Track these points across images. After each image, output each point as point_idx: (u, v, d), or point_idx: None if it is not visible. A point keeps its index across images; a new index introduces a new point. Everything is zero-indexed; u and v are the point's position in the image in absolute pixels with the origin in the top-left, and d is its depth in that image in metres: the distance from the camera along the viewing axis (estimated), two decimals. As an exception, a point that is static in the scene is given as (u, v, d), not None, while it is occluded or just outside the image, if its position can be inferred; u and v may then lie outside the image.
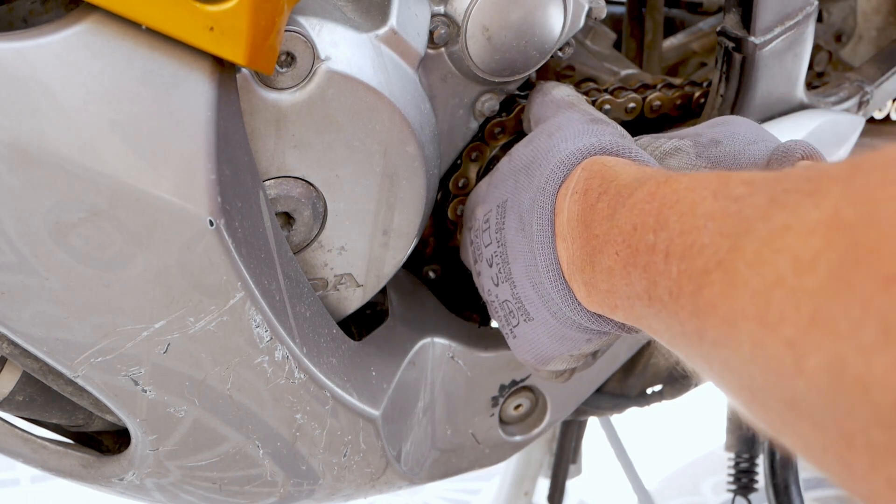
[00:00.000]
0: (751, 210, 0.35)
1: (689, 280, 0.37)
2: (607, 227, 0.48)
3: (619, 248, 0.46)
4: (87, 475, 0.64)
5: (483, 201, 0.65)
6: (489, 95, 0.68)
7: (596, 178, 0.52)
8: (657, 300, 0.42)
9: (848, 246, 0.28)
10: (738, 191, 0.37)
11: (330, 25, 0.57)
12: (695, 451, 1.73)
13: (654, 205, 0.44)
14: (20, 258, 0.50)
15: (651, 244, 0.42)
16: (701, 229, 0.38)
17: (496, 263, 0.62)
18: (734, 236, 0.35)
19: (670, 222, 0.41)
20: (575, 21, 0.66)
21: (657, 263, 0.41)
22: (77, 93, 0.48)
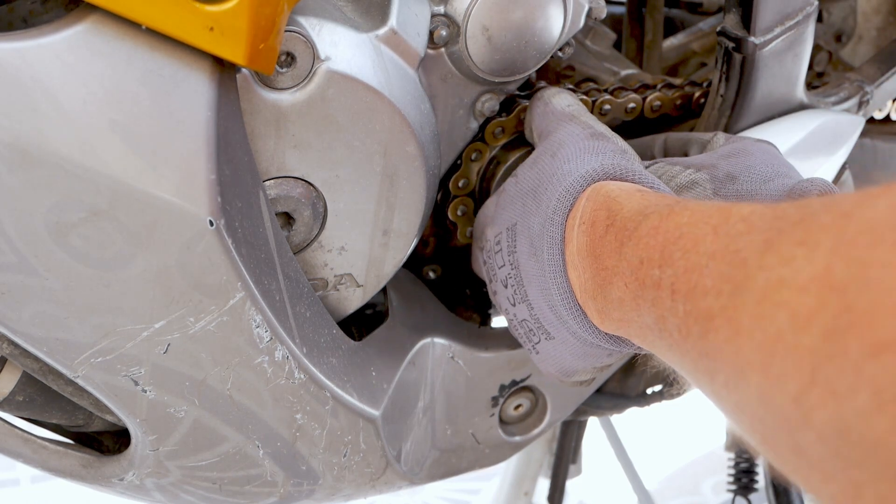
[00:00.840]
0: (749, 251, 0.36)
1: (695, 322, 0.38)
2: (616, 260, 0.48)
3: (627, 280, 0.47)
4: (87, 475, 0.64)
5: (492, 223, 0.65)
6: (489, 95, 0.68)
7: (602, 210, 0.53)
8: (668, 334, 0.43)
9: (840, 308, 0.29)
10: (737, 228, 0.38)
11: (330, 25, 0.57)
12: (695, 451, 1.73)
13: (658, 239, 0.45)
14: (20, 258, 0.50)
15: (657, 279, 0.43)
16: (703, 269, 0.39)
17: (511, 285, 0.62)
18: (735, 282, 0.36)
19: (675, 258, 0.42)
20: (575, 21, 0.66)
21: (664, 299, 0.42)
22: (77, 93, 0.48)
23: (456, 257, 0.79)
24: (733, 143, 0.66)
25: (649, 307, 0.44)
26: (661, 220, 0.46)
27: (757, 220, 0.38)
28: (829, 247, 0.31)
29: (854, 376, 0.28)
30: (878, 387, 0.27)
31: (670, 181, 0.63)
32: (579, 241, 0.54)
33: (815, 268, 0.31)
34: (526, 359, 0.75)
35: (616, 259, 0.48)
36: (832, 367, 0.29)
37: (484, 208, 0.68)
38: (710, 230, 0.40)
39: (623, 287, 0.47)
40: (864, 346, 0.28)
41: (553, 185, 0.59)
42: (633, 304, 0.46)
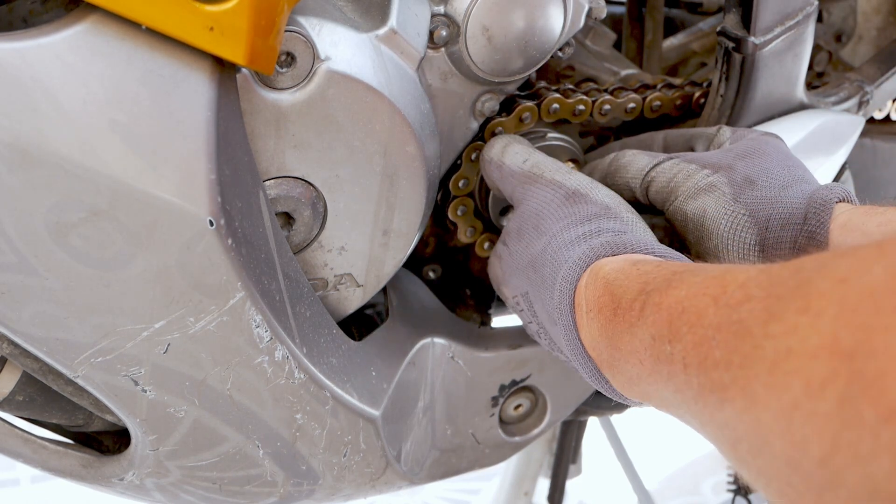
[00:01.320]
0: (752, 321, 0.37)
1: (710, 393, 0.40)
2: (628, 341, 0.50)
3: (642, 357, 0.48)
4: (87, 475, 0.64)
5: (505, 283, 0.66)
6: (489, 95, 0.68)
7: (604, 296, 0.54)
8: (686, 406, 0.44)
9: (851, 375, 0.30)
10: (736, 297, 0.39)
11: (330, 25, 0.57)
12: (695, 451, 1.73)
13: (663, 315, 0.46)
14: (20, 258, 0.50)
15: (669, 354, 0.44)
16: (710, 341, 0.40)
17: (543, 336, 0.63)
18: (743, 353, 0.37)
19: (682, 333, 0.43)
20: (575, 21, 0.66)
21: (678, 373, 0.43)
22: (77, 93, 0.48)
23: (456, 257, 0.79)
24: (743, 138, 0.66)
25: (665, 381, 0.45)
26: (662, 296, 0.47)
27: (754, 287, 0.39)
28: (833, 315, 0.32)
29: (873, 440, 0.29)
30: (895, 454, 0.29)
31: (687, 180, 0.63)
32: (591, 328, 0.55)
33: (822, 336, 0.32)
34: (526, 359, 0.75)
35: (628, 340, 0.50)
36: (851, 432, 0.30)
37: (490, 267, 0.69)
38: (710, 301, 0.42)
39: (639, 364, 0.49)
40: (878, 412, 0.29)
41: (548, 265, 0.59)
42: (651, 379, 0.48)
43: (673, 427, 1.81)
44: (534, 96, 0.71)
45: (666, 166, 0.64)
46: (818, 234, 0.58)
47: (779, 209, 0.60)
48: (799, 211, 0.59)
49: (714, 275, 0.43)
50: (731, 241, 0.60)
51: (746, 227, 0.60)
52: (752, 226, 0.60)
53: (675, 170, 0.64)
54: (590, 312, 0.55)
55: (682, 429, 0.48)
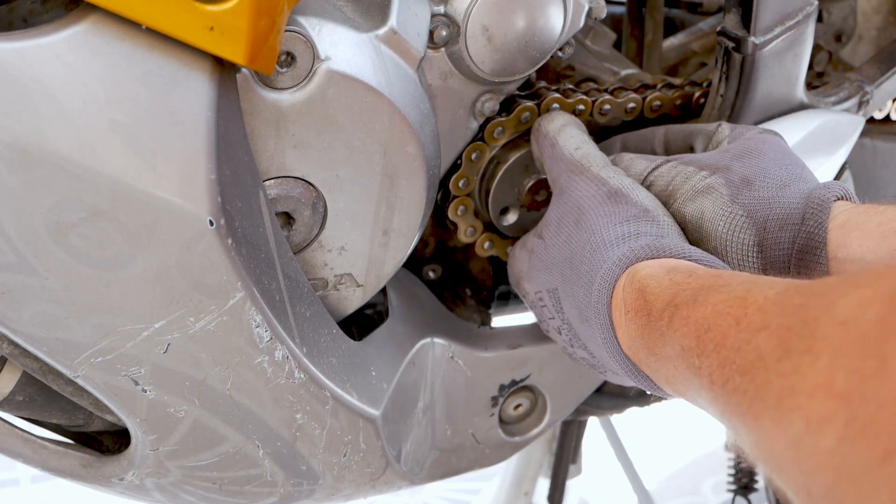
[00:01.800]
0: (766, 350, 0.39)
1: (732, 415, 0.42)
2: (662, 346, 0.51)
3: (676, 364, 0.49)
4: (87, 475, 0.64)
5: (529, 279, 0.66)
6: (489, 95, 0.68)
7: (639, 300, 0.55)
8: (718, 415, 0.46)
9: (848, 418, 0.32)
10: (755, 322, 0.41)
11: (330, 25, 0.57)
12: (695, 451, 1.73)
13: (691, 328, 0.47)
14: (20, 258, 0.50)
15: (698, 367, 0.46)
16: (731, 364, 0.42)
17: (566, 334, 0.64)
18: (756, 384, 0.39)
19: (708, 350, 0.45)
20: (575, 21, 0.66)
21: (706, 387, 0.45)
22: (77, 93, 0.48)
23: (456, 257, 0.79)
24: (741, 136, 0.66)
25: (697, 390, 0.47)
26: (690, 310, 0.48)
27: (771, 313, 0.41)
28: (829, 358, 0.34)
29: (872, 478, 0.31)
30: (892, 493, 0.30)
31: (685, 182, 0.63)
32: (629, 329, 0.55)
33: (819, 377, 0.34)
34: (526, 359, 0.75)
35: (662, 345, 0.51)
36: (851, 468, 0.32)
37: (514, 259, 0.69)
38: (733, 322, 0.43)
39: (673, 370, 0.50)
40: (874, 453, 0.31)
41: (587, 261, 0.60)
42: (685, 385, 0.49)
43: (673, 427, 1.80)
44: (534, 96, 0.71)
45: (664, 170, 0.64)
46: (816, 235, 0.58)
47: (776, 209, 0.60)
48: (797, 211, 0.59)
49: (737, 294, 0.45)
50: (730, 242, 0.60)
51: (744, 228, 0.60)
52: (749, 227, 0.60)
53: (672, 173, 0.64)
54: (628, 314, 0.55)
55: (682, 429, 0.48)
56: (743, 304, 0.43)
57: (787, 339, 0.38)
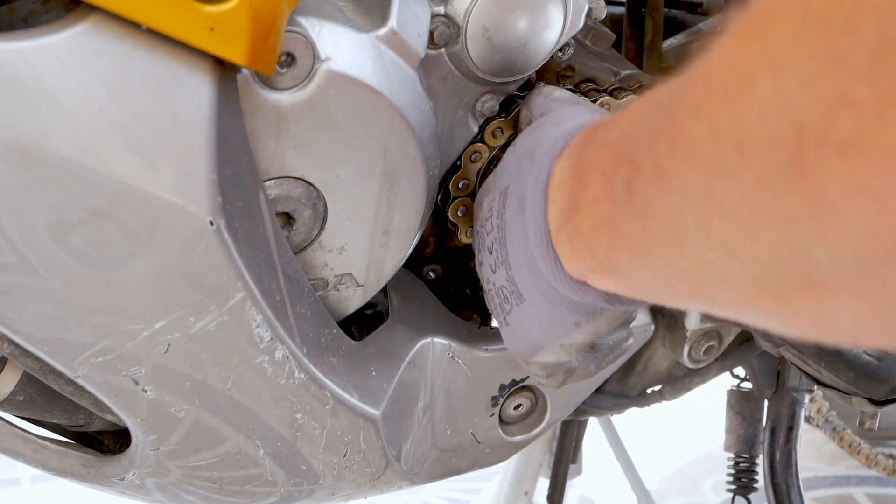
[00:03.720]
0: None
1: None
2: (595, 152, 0.50)
3: (605, 163, 0.48)
4: (88, 475, 0.64)
5: (488, 192, 0.65)
6: (489, 96, 0.68)
7: (587, 131, 0.54)
8: (636, 197, 0.44)
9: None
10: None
11: (330, 26, 0.58)
12: (695, 451, 1.73)
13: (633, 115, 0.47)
14: (20, 258, 0.51)
15: (635, 137, 0.45)
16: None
17: (495, 249, 0.62)
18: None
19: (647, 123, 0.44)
20: (575, 21, 0.66)
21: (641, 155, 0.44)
22: (77, 93, 0.48)
23: (456, 257, 0.79)
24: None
25: (625, 170, 0.45)
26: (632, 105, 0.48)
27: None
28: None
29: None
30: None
31: None
32: (563, 169, 0.55)
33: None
34: (526, 359, 0.75)
35: (596, 150, 0.50)
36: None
37: (487, 182, 0.67)
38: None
39: (599, 177, 0.49)
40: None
41: (549, 141, 0.59)
42: (606, 187, 0.48)
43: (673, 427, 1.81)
44: (534, 96, 0.71)
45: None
46: None
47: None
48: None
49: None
50: None
51: None
52: None
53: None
54: (568, 152, 0.55)
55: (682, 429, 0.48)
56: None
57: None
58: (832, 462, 1.68)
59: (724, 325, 0.80)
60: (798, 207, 0.31)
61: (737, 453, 1.01)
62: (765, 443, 0.93)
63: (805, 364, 0.73)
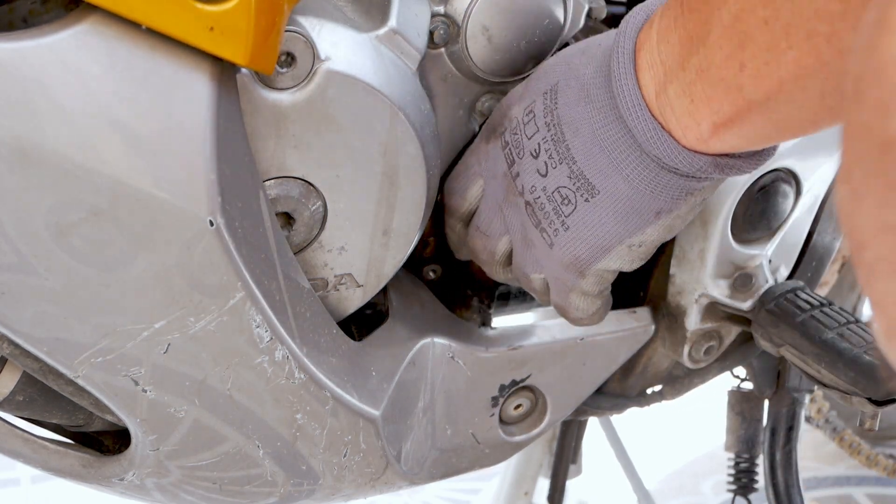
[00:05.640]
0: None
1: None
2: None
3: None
4: (88, 475, 0.64)
5: (521, 99, 0.62)
6: (489, 96, 0.68)
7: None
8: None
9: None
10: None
11: (330, 25, 0.58)
12: (695, 451, 1.73)
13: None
14: (20, 258, 0.51)
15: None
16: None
17: (545, 150, 0.59)
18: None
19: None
20: (575, 21, 0.66)
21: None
22: (77, 93, 0.48)
23: (456, 257, 0.79)
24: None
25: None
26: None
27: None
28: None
29: None
30: None
31: None
32: (663, 28, 0.53)
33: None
34: (526, 359, 0.75)
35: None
36: None
37: (509, 94, 0.65)
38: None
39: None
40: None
41: (607, 35, 0.58)
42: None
43: (673, 427, 1.80)
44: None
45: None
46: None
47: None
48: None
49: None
50: None
51: None
52: None
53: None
54: (668, 9, 0.53)
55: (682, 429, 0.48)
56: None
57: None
58: (832, 462, 1.67)
59: (724, 325, 0.80)
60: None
61: (737, 453, 1.01)
62: (765, 443, 0.93)
63: (805, 364, 0.73)
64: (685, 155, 0.55)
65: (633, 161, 0.56)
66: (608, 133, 0.56)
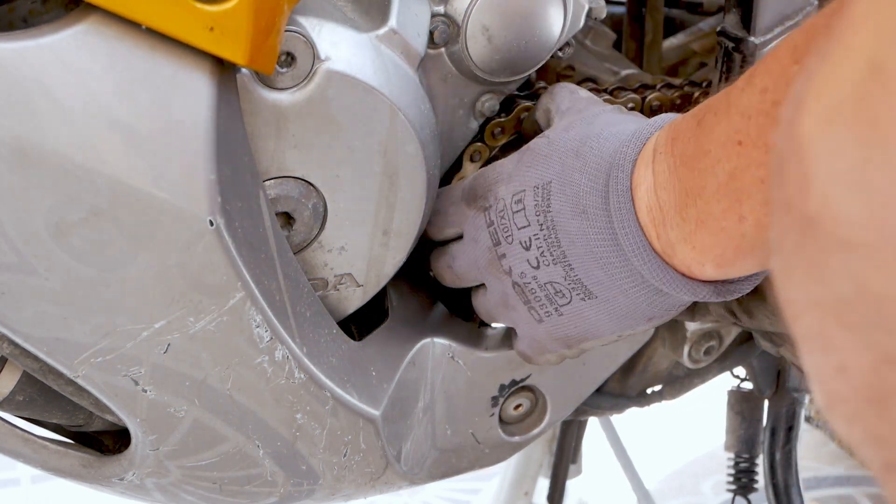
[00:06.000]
0: None
1: None
2: (724, 128, 0.49)
3: (740, 128, 0.48)
4: (88, 475, 0.64)
5: (510, 180, 0.62)
6: (489, 95, 0.68)
7: (685, 121, 0.53)
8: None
9: None
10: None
11: (330, 25, 0.58)
12: (695, 451, 1.73)
13: (775, 67, 0.47)
14: (20, 258, 0.51)
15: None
16: None
17: (537, 246, 0.60)
18: None
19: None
20: (575, 21, 0.66)
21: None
22: (77, 93, 0.48)
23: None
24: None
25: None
26: (759, 66, 0.48)
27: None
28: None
29: None
30: None
31: None
32: (658, 173, 0.54)
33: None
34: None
35: (725, 127, 0.49)
36: None
37: (495, 167, 0.65)
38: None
39: (736, 151, 0.48)
40: None
41: (603, 142, 0.58)
42: (752, 151, 0.47)
43: (673, 427, 1.80)
44: (533, 96, 0.71)
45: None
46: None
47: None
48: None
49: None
50: None
51: None
52: None
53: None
54: (661, 154, 0.54)
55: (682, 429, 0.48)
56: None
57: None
58: (832, 462, 1.67)
59: (724, 325, 0.80)
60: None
61: (737, 453, 1.01)
62: (765, 443, 0.93)
63: (805, 364, 0.73)
64: (687, 285, 0.56)
65: (631, 283, 0.57)
66: (606, 254, 0.57)
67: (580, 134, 0.60)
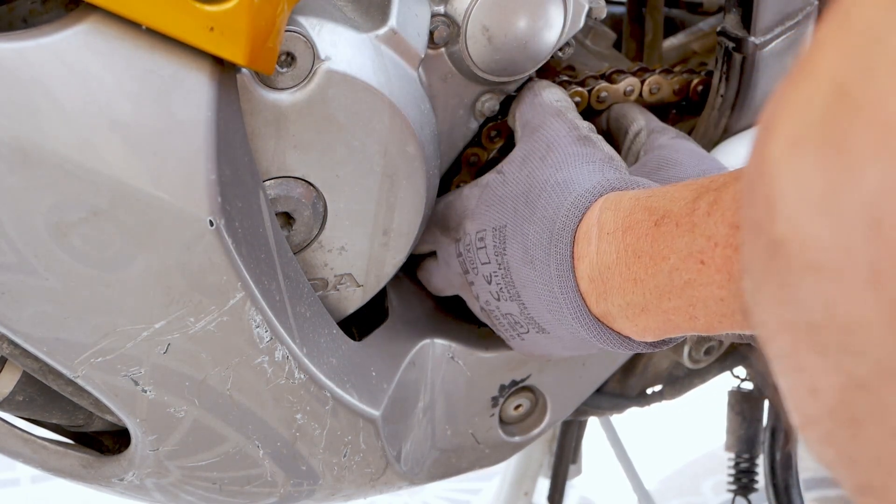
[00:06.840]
0: None
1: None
2: (686, 244, 0.48)
3: (707, 256, 0.47)
4: (87, 475, 0.64)
5: (473, 217, 0.64)
6: (489, 96, 0.68)
7: (638, 213, 0.53)
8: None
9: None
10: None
11: (330, 25, 0.58)
12: (695, 451, 1.73)
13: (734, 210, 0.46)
14: (20, 258, 0.51)
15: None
16: None
17: (497, 283, 0.62)
18: None
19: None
20: (575, 21, 0.66)
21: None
22: (77, 93, 0.48)
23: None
24: (655, 145, 0.65)
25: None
26: (718, 195, 0.47)
27: None
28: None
29: None
30: None
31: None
32: (603, 253, 0.54)
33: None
34: (526, 359, 0.75)
35: (687, 243, 0.48)
36: None
37: (462, 198, 0.66)
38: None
39: (699, 266, 0.48)
40: None
41: (550, 194, 0.59)
42: (717, 276, 0.47)
43: (673, 427, 1.80)
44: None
45: None
46: None
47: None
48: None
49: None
50: None
51: None
52: None
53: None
54: (607, 236, 0.54)
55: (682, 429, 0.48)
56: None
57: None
58: (832, 462, 1.67)
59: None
60: None
61: (737, 453, 1.01)
62: (765, 443, 0.93)
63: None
64: (626, 344, 0.57)
65: (578, 328, 0.58)
66: (553, 303, 0.58)
67: (531, 176, 0.61)
